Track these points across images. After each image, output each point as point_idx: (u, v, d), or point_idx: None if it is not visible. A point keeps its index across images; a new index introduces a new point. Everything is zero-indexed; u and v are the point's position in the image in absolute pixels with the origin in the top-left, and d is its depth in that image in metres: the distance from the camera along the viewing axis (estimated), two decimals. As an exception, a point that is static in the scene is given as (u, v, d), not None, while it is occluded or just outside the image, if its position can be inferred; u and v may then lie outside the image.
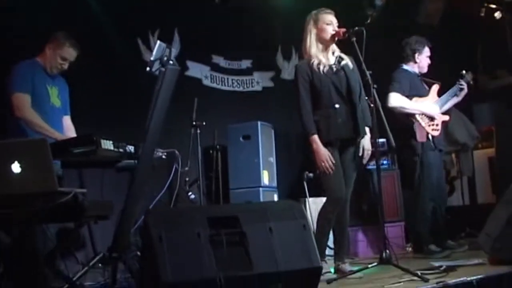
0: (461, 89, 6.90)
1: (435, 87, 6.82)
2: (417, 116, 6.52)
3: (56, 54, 5.34)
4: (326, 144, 5.17)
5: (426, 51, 6.80)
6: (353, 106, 5.27)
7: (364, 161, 5.51)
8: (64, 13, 6.34)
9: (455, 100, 6.95)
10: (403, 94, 6.52)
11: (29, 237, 3.99)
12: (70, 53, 5.37)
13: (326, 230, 5.32)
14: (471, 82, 7.01)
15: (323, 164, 5.12)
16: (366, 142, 5.43)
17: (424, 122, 6.52)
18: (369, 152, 5.42)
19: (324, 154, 5.12)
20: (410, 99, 6.55)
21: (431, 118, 6.59)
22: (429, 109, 6.60)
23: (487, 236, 5.36)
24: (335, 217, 5.29)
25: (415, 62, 6.76)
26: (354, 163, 5.39)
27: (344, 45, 5.42)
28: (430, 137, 6.53)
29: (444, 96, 6.82)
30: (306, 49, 5.40)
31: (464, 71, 6.96)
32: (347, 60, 5.39)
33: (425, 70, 6.83)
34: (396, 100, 6.47)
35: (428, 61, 6.81)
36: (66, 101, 5.62)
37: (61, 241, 5.02)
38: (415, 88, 6.66)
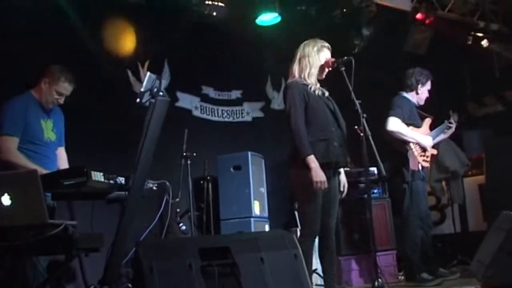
0: (449, 127, 7.00)
1: (428, 121, 6.90)
2: (411, 144, 6.56)
3: (51, 89, 5.29)
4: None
5: (428, 85, 6.87)
6: (343, 133, 5.28)
7: (343, 196, 5.48)
8: (54, 44, 6.35)
9: (442, 136, 7.06)
10: (403, 120, 6.57)
11: (19, 269, 3.96)
12: (66, 87, 5.33)
13: (308, 263, 5.13)
14: (456, 123, 7.07)
15: (319, 185, 4.99)
16: (342, 176, 5.43)
17: (417, 151, 6.57)
18: (346, 186, 5.41)
19: (322, 175, 5.00)
20: (407, 127, 6.60)
21: (423, 149, 6.63)
22: (424, 140, 6.65)
23: (479, 263, 5.36)
24: (313, 248, 5.26)
25: (417, 93, 6.82)
26: (337, 192, 5.36)
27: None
28: (420, 167, 6.57)
29: (434, 131, 6.93)
30: (301, 71, 5.35)
31: (451, 111, 7.05)
32: (327, 93, 5.41)
33: (422, 102, 6.90)
34: (395, 124, 6.52)
35: (427, 94, 6.87)
36: (61, 132, 5.60)
37: (52, 273, 4.97)
38: (413, 117, 6.74)
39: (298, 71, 5.38)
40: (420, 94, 6.84)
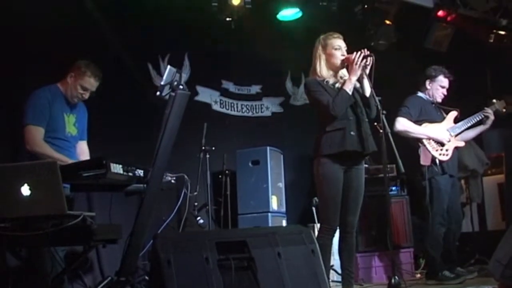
0: (487, 117, 6.83)
1: (452, 114, 6.77)
2: (424, 140, 6.52)
3: (77, 84, 5.31)
4: (335, 160, 5.11)
5: (440, 80, 6.76)
6: (361, 121, 5.22)
7: None
8: (76, 37, 6.39)
9: (481, 128, 6.91)
10: (410, 119, 6.55)
11: (38, 259, 3.99)
12: (91, 83, 5.36)
13: (326, 259, 5.11)
14: (503, 110, 6.99)
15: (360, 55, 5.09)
16: None
17: (431, 147, 6.50)
18: None
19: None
20: (420, 124, 6.56)
21: (441, 144, 6.57)
22: (437, 134, 6.57)
23: (497, 262, 5.31)
24: (331, 243, 5.25)
25: (426, 89, 6.76)
26: (361, 186, 5.32)
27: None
28: (437, 162, 6.51)
29: (461, 123, 6.78)
30: (316, 73, 5.35)
31: (495, 100, 6.95)
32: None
33: (437, 99, 6.79)
34: (401, 124, 6.51)
35: (442, 91, 6.79)
36: (84, 127, 5.61)
37: (69, 264, 5.01)
38: (426, 113, 6.65)
39: (312, 70, 5.42)
40: (431, 90, 6.76)
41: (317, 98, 5.19)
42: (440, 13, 8.55)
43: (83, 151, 5.57)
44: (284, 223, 7.69)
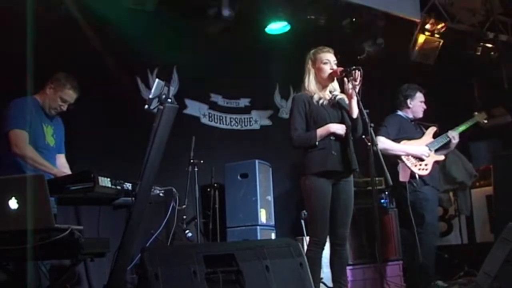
0: (449, 140, 6.83)
1: (431, 130, 6.84)
2: (403, 157, 6.55)
3: (56, 95, 5.33)
4: (321, 175, 5.16)
5: (419, 97, 6.86)
6: (346, 141, 5.27)
7: None
8: (65, 49, 6.38)
9: (446, 150, 6.93)
10: (388, 137, 6.59)
11: (24, 273, 3.96)
12: (71, 95, 5.38)
13: (316, 272, 5.13)
14: (485, 122, 7.06)
15: (340, 131, 5.18)
16: None
17: (410, 162, 6.54)
18: None
19: (338, 126, 5.19)
20: (399, 141, 6.61)
21: (420, 159, 6.59)
22: (416, 150, 6.60)
23: (486, 275, 5.34)
24: (321, 256, 5.24)
25: (408, 107, 6.81)
26: (350, 198, 5.34)
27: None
28: (417, 176, 6.52)
29: (435, 140, 6.82)
30: (305, 87, 5.42)
31: (476, 112, 7.03)
32: (343, 96, 5.40)
33: (419, 114, 6.87)
34: (380, 142, 6.41)
35: (422, 106, 6.87)
36: (61, 140, 5.61)
37: (55, 278, 4.98)
38: (405, 131, 6.71)
39: (303, 83, 5.47)
40: (413, 108, 6.83)
41: (291, 121, 5.34)
42: (428, 26, 8.60)
43: (63, 165, 5.56)
44: (273, 236, 7.67)
